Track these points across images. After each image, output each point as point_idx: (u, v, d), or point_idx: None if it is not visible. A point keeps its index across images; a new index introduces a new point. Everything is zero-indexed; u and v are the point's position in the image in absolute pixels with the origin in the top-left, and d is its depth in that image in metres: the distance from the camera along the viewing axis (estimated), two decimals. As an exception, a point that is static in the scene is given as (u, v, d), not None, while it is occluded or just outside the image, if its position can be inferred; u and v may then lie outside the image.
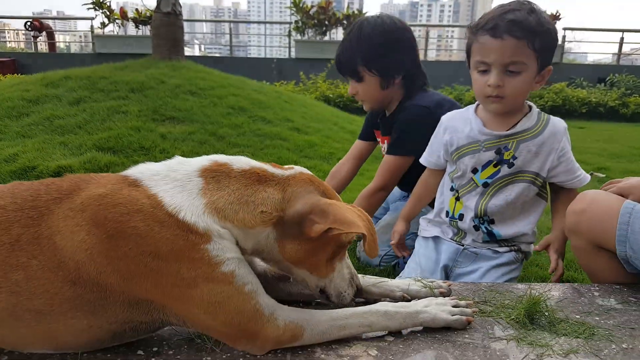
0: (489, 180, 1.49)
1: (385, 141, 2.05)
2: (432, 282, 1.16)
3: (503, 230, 1.49)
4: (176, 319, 0.89)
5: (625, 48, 12.51)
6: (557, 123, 1.50)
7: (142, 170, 0.91)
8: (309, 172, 1.00)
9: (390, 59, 1.85)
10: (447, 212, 1.58)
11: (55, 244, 0.82)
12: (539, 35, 1.33)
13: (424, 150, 1.71)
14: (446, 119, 1.63)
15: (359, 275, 1.09)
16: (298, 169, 0.98)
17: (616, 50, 12.44)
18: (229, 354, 0.92)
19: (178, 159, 0.95)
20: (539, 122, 1.48)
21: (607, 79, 10.82)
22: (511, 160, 1.46)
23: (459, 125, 1.56)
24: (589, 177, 1.50)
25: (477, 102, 1.57)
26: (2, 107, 4.59)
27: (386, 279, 1.14)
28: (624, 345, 0.99)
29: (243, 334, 0.88)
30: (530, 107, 1.54)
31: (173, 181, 0.89)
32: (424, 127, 1.78)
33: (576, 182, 1.49)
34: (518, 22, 1.32)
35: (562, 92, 9.84)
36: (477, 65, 1.44)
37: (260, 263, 1.08)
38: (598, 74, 11.33)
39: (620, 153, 5.74)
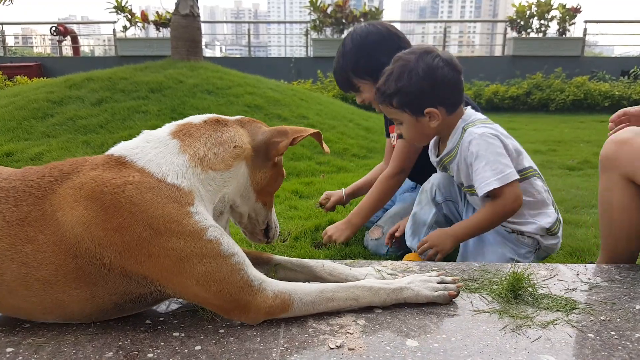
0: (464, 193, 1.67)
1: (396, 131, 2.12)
2: (393, 274, 1.22)
3: None
4: (172, 291, 0.96)
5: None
6: (466, 137, 1.51)
7: (120, 148, 1.01)
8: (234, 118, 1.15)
9: (374, 61, 1.88)
10: None
11: (57, 219, 0.91)
12: (395, 96, 1.53)
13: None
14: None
15: (328, 261, 1.20)
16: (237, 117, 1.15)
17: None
18: (227, 323, 1.01)
19: (145, 132, 1.05)
20: (457, 141, 1.56)
21: (630, 71, 10.55)
22: (453, 178, 1.65)
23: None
24: (486, 189, 1.43)
25: None
26: (28, 108, 4.81)
27: (344, 268, 1.18)
28: (602, 318, 1.03)
29: (235, 305, 0.95)
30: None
31: (152, 149, 0.98)
32: None
33: (478, 190, 1.46)
34: (382, 91, 1.56)
35: (584, 85, 9.64)
36: None
37: None
38: (621, 66, 11.05)
39: (641, 146, 5.65)
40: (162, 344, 0.93)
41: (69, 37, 12.87)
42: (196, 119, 1.08)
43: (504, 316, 1.04)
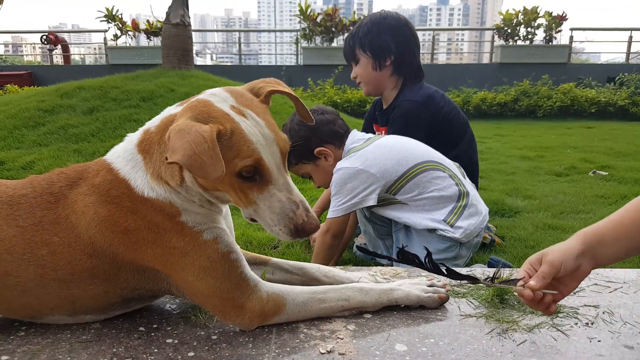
0: None
1: (383, 132, 2.19)
2: (386, 278, 1.25)
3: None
4: (176, 289, 1.01)
5: (635, 47, 12.42)
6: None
7: (111, 154, 1.03)
8: (200, 99, 0.95)
9: (381, 40, 2.07)
10: None
11: (71, 222, 0.96)
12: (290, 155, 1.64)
13: (423, 139, 1.86)
14: None
15: (315, 266, 1.20)
16: (205, 94, 0.97)
17: (626, 50, 12.34)
18: (220, 330, 1.02)
19: (127, 136, 1.04)
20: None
21: (616, 78, 10.75)
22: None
23: None
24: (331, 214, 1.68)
25: None
26: (20, 117, 4.79)
27: (339, 271, 1.22)
28: (585, 321, 1.06)
29: (232, 304, 0.97)
30: None
31: (127, 161, 0.99)
32: (416, 120, 1.97)
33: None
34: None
35: (571, 92, 9.80)
36: None
37: None
38: (607, 73, 11.25)
39: (627, 151, 5.72)
40: (156, 350, 0.94)
41: (59, 46, 12.83)
42: (154, 122, 1.00)
43: (491, 320, 1.06)
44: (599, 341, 0.98)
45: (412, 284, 1.12)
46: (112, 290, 1.00)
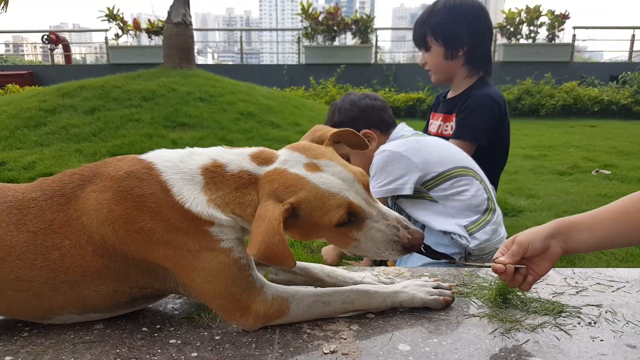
0: None
1: (440, 118, 2.18)
2: (389, 278, 1.24)
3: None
4: (183, 289, 1.01)
5: (638, 46, 12.37)
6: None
7: (156, 156, 1.03)
8: (286, 160, 0.99)
9: (455, 31, 2.01)
10: None
11: (83, 223, 0.96)
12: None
13: (486, 138, 1.91)
14: None
15: (319, 266, 1.18)
16: (282, 156, 1.00)
17: (629, 48, 12.30)
18: (223, 330, 1.02)
19: (188, 150, 1.06)
20: None
21: (619, 76, 10.71)
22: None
23: None
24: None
25: None
26: (21, 117, 4.81)
27: (342, 271, 1.21)
28: (588, 321, 1.06)
29: (237, 305, 0.98)
30: None
31: (180, 172, 0.99)
32: (489, 116, 1.97)
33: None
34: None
35: (573, 91, 9.79)
36: None
37: None
38: (610, 72, 11.23)
39: (630, 150, 5.72)
40: (159, 351, 0.94)
41: (60, 45, 12.85)
42: (232, 166, 0.99)
43: (494, 320, 1.06)
44: (601, 340, 0.98)
45: (417, 285, 1.12)
46: (122, 289, 1.00)
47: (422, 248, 1.02)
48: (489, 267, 1.04)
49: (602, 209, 1.03)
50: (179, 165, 1.00)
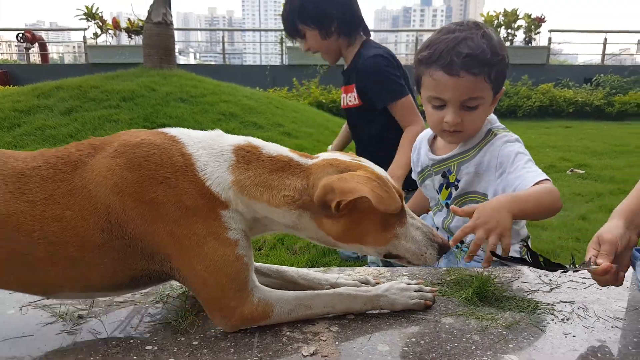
0: (448, 202, 1.49)
1: (349, 92, 2.23)
2: (365, 281, 1.22)
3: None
4: (178, 274, 0.97)
5: (609, 49, 12.72)
6: (498, 140, 1.38)
7: (181, 131, 1.00)
8: (335, 155, 1.02)
9: (320, 10, 2.08)
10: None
11: (89, 191, 0.90)
12: (495, 67, 1.27)
13: (406, 87, 1.97)
14: (419, 138, 1.66)
15: (293, 269, 1.18)
16: (324, 155, 1.03)
17: (601, 52, 12.63)
18: (201, 335, 1.01)
19: (218, 131, 1.03)
20: (482, 142, 1.41)
21: (593, 79, 11.01)
22: (456, 183, 1.44)
23: (422, 148, 1.60)
24: (539, 179, 1.28)
25: None
26: (-5, 118, 4.68)
27: (316, 273, 1.20)
28: (561, 317, 1.09)
29: (226, 304, 0.96)
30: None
31: (208, 148, 0.96)
32: (388, 68, 2.04)
33: (527, 182, 1.27)
34: (474, 55, 1.23)
35: (549, 92, 10.01)
36: (431, 100, 1.35)
37: None
38: (584, 74, 11.52)
39: (603, 150, 5.88)
40: (135, 357, 0.93)
41: (36, 44, 12.56)
42: (269, 149, 0.99)
43: (470, 318, 1.08)
44: (573, 336, 1.01)
45: (399, 289, 1.11)
46: (120, 269, 0.95)
47: (541, 262, 1.04)
48: (594, 270, 1.01)
49: None
50: (207, 142, 0.97)
